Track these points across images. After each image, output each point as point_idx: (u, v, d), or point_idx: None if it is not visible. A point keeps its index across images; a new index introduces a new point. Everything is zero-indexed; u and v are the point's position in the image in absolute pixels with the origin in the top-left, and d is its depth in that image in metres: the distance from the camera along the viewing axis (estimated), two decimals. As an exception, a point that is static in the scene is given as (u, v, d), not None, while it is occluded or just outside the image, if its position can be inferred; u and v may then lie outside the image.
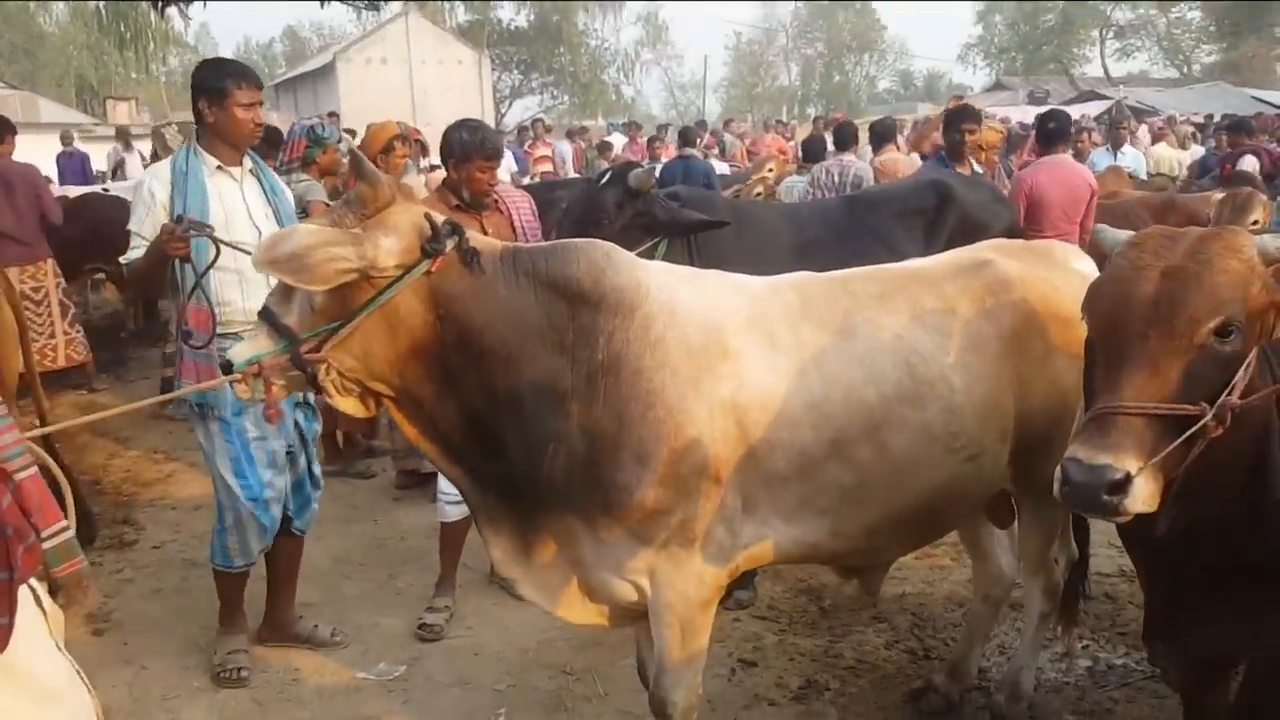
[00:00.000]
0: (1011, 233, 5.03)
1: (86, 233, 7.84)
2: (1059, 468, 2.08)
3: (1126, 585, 4.50)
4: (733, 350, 2.61)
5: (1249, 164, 9.90)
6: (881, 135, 8.33)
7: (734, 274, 2.87)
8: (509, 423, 2.51)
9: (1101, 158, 11.56)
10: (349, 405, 2.50)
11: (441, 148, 4.17)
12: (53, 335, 7.60)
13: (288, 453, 3.78)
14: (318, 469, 4.01)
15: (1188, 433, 1.98)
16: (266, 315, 2.40)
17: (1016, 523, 3.32)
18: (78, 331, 7.77)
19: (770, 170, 9.05)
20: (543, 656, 4.05)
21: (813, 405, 2.64)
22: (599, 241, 2.66)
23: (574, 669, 3.95)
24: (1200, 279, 2.07)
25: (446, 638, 4.21)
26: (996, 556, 3.58)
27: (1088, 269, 3.15)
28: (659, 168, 8.51)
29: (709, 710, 3.65)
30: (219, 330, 3.42)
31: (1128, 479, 1.96)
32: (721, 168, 12.26)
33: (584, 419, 2.51)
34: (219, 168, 3.65)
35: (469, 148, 4.07)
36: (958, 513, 3.02)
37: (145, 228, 3.57)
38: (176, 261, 3.40)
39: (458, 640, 4.21)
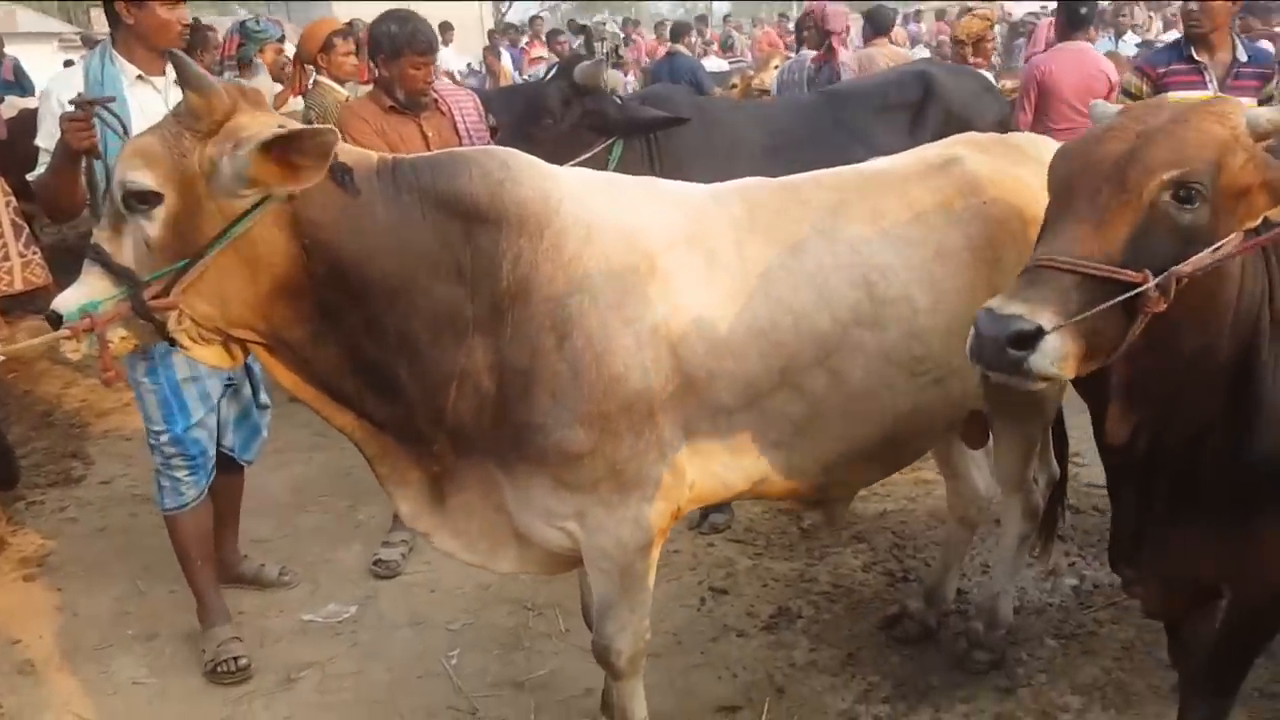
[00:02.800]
0: (1003, 126, 4.66)
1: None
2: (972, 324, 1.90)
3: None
4: (663, 270, 2.31)
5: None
6: (876, 26, 7.76)
7: (668, 182, 2.55)
8: (402, 362, 2.23)
9: (1102, 46, 10.99)
10: (210, 355, 2.21)
11: (369, 44, 3.81)
12: (6, 258, 7.27)
13: (227, 384, 3.49)
14: (264, 396, 3.71)
15: (1120, 296, 1.78)
16: (97, 254, 2.09)
17: (991, 441, 3.08)
18: (34, 253, 7.40)
19: (776, 66, 8.50)
20: (504, 591, 3.87)
21: (759, 332, 2.36)
22: (495, 149, 2.33)
23: (535, 604, 3.77)
24: (1168, 134, 1.87)
25: (403, 574, 4.03)
26: (972, 476, 3.35)
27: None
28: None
29: (675, 643, 3.50)
30: None
31: (1038, 333, 1.77)
32: (720, 64, 11.67)
33: (490, 353, 2.24)
34: (140, 77, 3.29)
35: (398, 41, 3.71)
36: (926, 439, 2.77)
37: (52, 142, 3.17)
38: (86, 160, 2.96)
39: (414, 576, 4.03)
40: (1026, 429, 3.02)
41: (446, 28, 13.70)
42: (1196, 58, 4.33)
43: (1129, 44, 11.02)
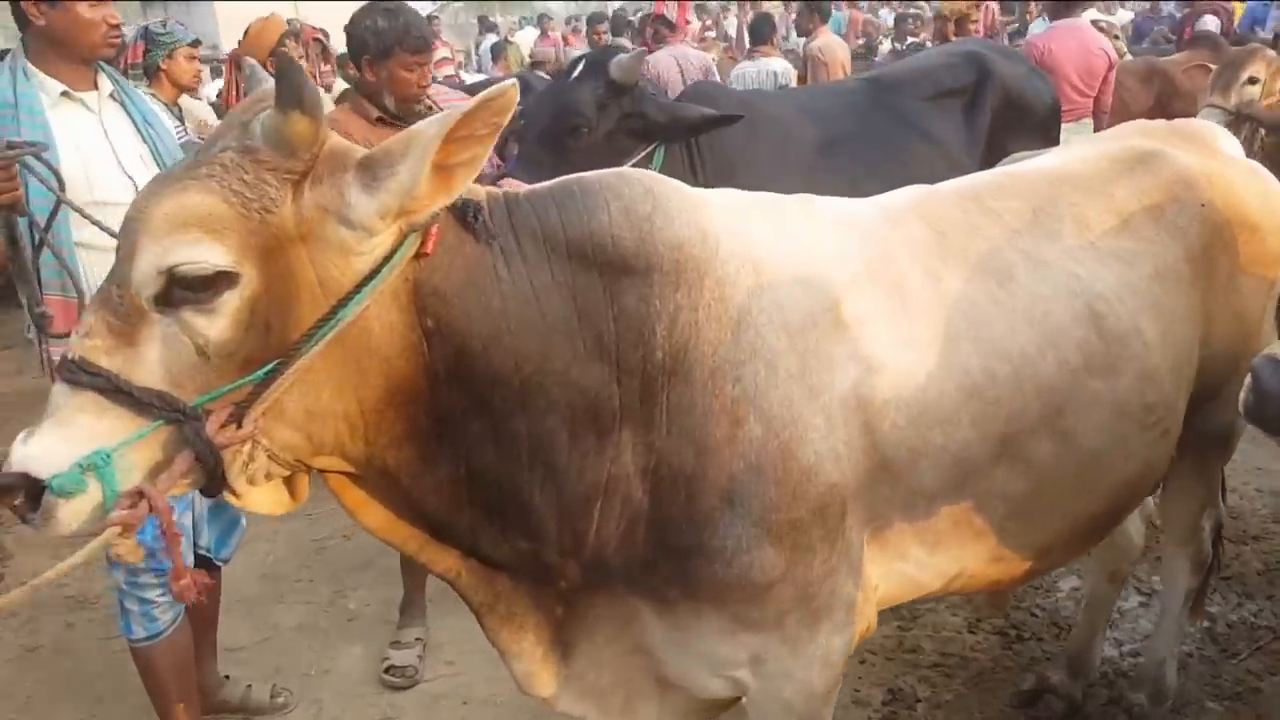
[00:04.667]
0: (1055, 111, 4.21)
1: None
2: (1249, 374, 1.58)
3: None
4: (849, 319, 1.71)
5: (1210, 23, 9.32)
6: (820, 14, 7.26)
7: (823, 199, 1.94)
8: (534, 479, 1.59)
9: (1038, 26, 10.80)
10: (266, 500, 1.52)
11: (350, 44, 3.10)
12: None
13: None
14: None
15: None
16: (88, 377, 1.32)
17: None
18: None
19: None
20: (552, 692, 3.21)
21: (972, 390, 1.78)
22: (632, 172, 1.69)
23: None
24: None
25: (422, 681, 3.32)
26: (1126, 525, 2.83)
27: (1239, 153, 2.38)
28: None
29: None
30: (40, 309, 2.36)
31: None
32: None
33: (641, 453, 1.61)
34: (65, 94, 2.53)
35: (388, 39, 3.01)
36: (1139, 502, 2.22)
37: None
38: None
39: (438, 683, 3.32)
40: (1211, 472, 2.52)
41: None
42: None
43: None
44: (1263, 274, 2.17)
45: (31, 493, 1.30)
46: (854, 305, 1.72)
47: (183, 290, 1.32)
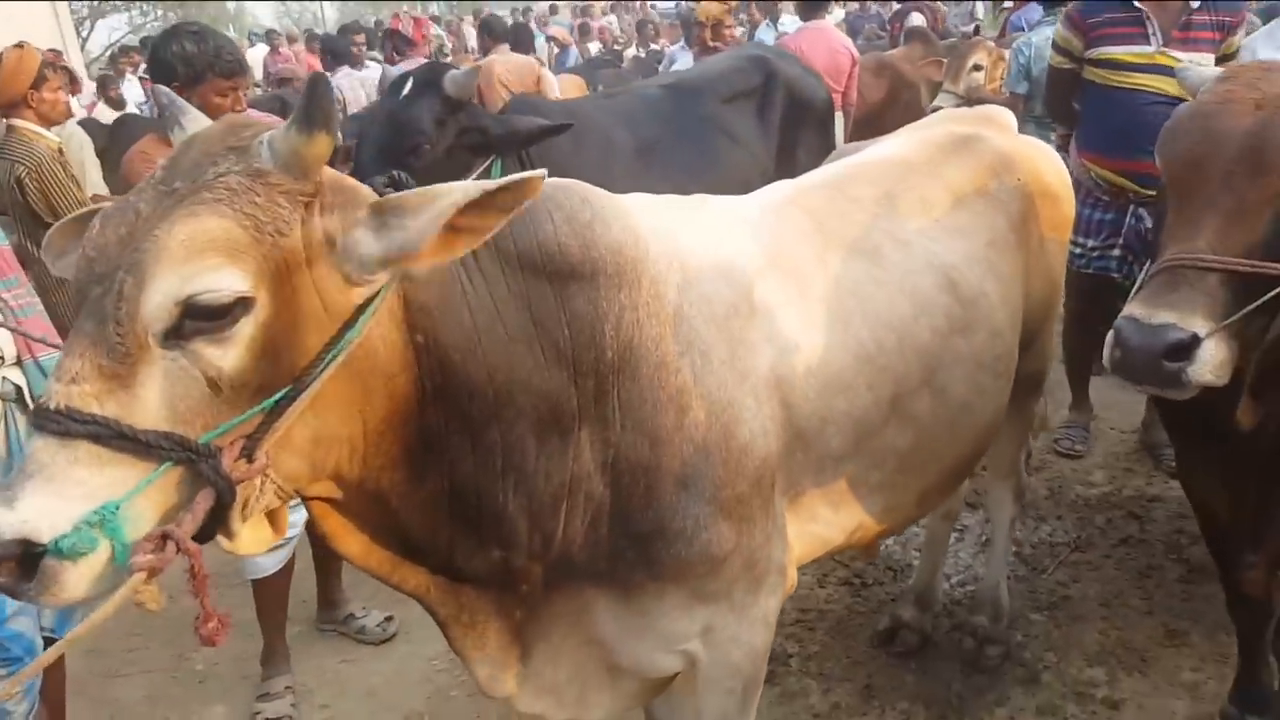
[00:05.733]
0: (830, 105, 4.61)
1: None
2: (1111, 331, 1.77)
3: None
4: (762, 305, 1.87)
5: (917, 19, 10.27)
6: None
7: (715, 197, 2.09)
8: (507, 486, 1.63)
9: (764, 32, 11.53)
10: (254, 538, 1.44)
11: (156, 70, 2.92)
12: None
13: None
14: None
15: (1271, 293, 1.70)
16: (78, 424, 1.20)
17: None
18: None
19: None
20: (440, 717, 3.18)
21: (866, 358, 1.99)
22: (564, 182, 1.73)
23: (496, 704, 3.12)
24: None
25: (303, 728, 3.19)
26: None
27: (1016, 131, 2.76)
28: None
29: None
30: None
31: (1194, 341, 1.67)
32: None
33: (599, 449, 1.68)
34: None
35: (198, 64, 2.88)
36: (992, 441, 2.52)
37: None
38: None
39: (319, 728, 3.21)
40: (1028, 412, 2.90)
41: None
42: (1138, 4, 3.51)
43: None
44: (1061, 237, 2.56)
45: (24, 561, 1.18)
46: (764, 292, 1.88)
47: (195, 320, 1.25)
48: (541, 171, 1.34)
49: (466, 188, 1.34)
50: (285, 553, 3.19)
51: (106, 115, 9.57)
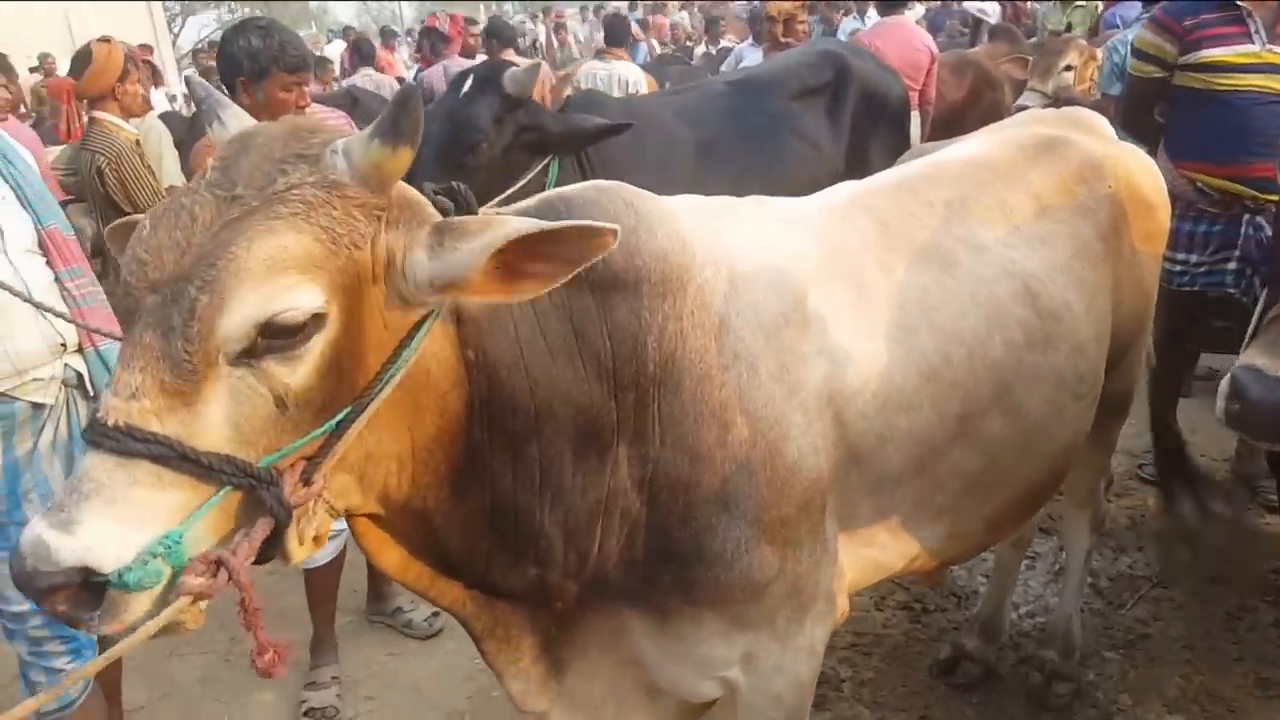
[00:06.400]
0: (905, 103, 4.43)
1: None
2: (1226, 381, 1.67)
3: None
4: (815, 314, 1.75)
5: (992, 10, 9.99)
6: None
7: (772, 199, 1.97)
8: (544, 502, 1.56)
9: (850, 24, 11.29)
10: (306, 552, 1.37)
11: (223, 65, 2.93)
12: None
13: None
14: None
15: None
16: (140, 444, 1.14)
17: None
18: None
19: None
20: (482, 718, 3.12)
21: (930, 374, 1.85)
22: (609, 186, 1.65)
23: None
24: None
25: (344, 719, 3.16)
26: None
27: (1113, 136, 2.57)
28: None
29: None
30: None
31: None
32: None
33: (638, 465, 1.60)
34: None
35: (263, 59, 2.87)
36: (1070, 468, 2.35)
37: None
38: None
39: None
40: (1110, 436, 2.71)
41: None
42: (1240, 1, 3.18)
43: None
44: (1155, 250, 2.37)
45: (83, 588, 1.12)
46: (818, 300, 1.76)
47: (269, 339, 1.19)
48: (613, 227, 1.26)
49: (522, 223, 1.26)
50: (336, 545, 3.17)
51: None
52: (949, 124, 5.85)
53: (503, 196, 3.01)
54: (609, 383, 1.54)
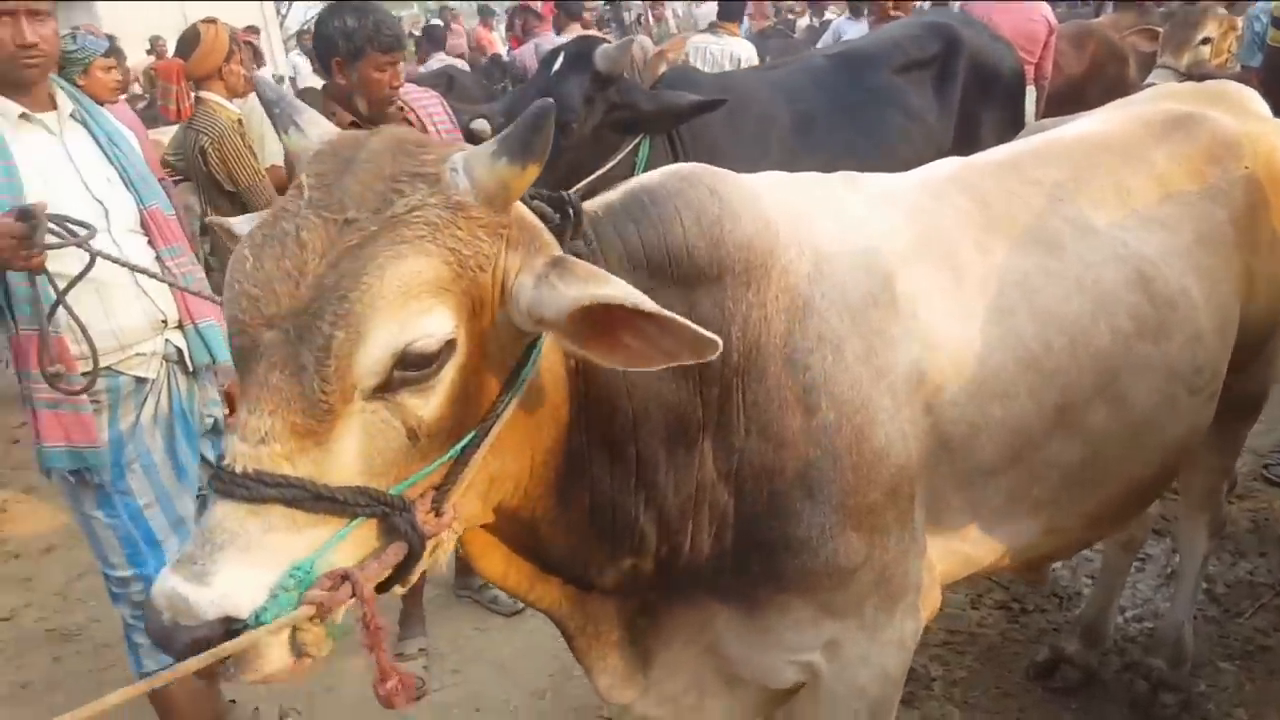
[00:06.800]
0: (1020, 77, 4.22)
1: None
2: None
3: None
4: (905, 296, 1.67)
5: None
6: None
7: (862, 175, 1.89)
8: (639, 500, 1.55)
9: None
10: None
11: (319, 45, 2.98)
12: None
13: (197, 495, 2.60)
14: None
15: None
16: (274, 490, 1.11)
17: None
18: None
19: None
20: (565, 696, 3.13)
21: (1029, 361, 1.75)
22: (692, 171, 1.60)
23: (611, 710, 3.04)
24: None
25: (431, 692, 3.20)
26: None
27: (1267, 112, 2.35)
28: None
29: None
30: (54, 369, 2.23)
31: None
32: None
33: (723, 457, 1.57)
34: (24, 116, 2.32)
35: (358, 39, 2.90)
36: (1182, 466, 2.20)
37: None
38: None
39: (447, 693, 3.21)
40: (1237, 437, 2.53)
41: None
42: None
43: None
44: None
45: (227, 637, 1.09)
46: (908, 281, 1.68)
47: (405, 370, 1.15)
48: (716, 340, 1.20)
49: (624, 292, 1.21)
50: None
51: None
52: (1067, 100, 5.54)
53: (592, 177, 2.98)
54: (694, 379, 1.51)
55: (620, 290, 1.21)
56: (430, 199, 1.18)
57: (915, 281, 1.69)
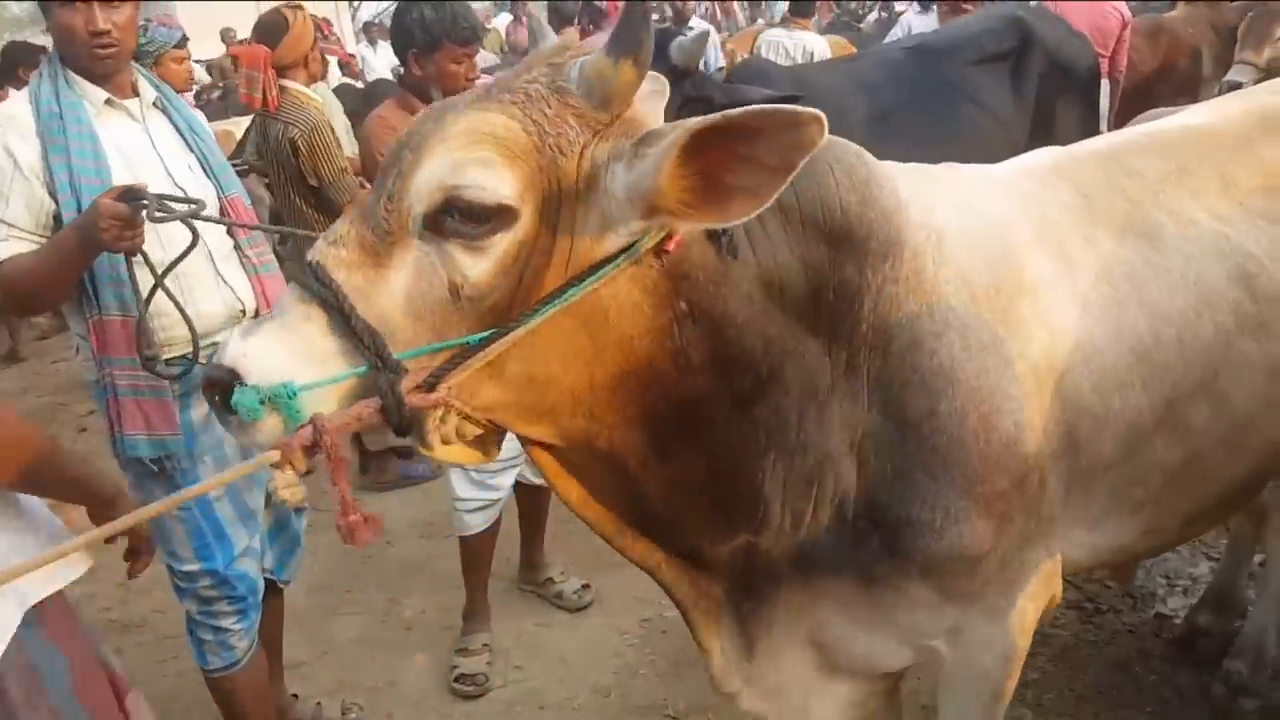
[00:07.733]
0: (1096, 71, 4.14)
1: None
2: None
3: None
4: (1030, 284, 1.65)
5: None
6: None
7: (970, 165, 1.86)
8: (765, 465, 1.53)
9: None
10: (459, 453, 1.40)
11: (396, 37, 2.99)
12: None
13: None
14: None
15: None
16: (323, 288, 1.23)
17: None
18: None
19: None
20: (629, 695, 3.11)
21: (1143, 353, 1.71)
22: (835, 137, 1.55)
23: (676, 709, 3.02)
24: None
25: (493, 688, 3.20)
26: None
27: None
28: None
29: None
30: (151, 352, 2.24)
31: None
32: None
33: (848, 429, 1.56)
34: (108, 102, 2.35)
35: (434, 31, 2.92)
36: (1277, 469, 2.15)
37: (12, 209, 2.20)
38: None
39: (510, 689, 3.21)
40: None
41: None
42: None
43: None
44: None
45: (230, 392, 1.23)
46: (1032, 269, 1.66)
47: (456, 221, 1.24)
48: (817, 113, 1.14)
49: (716, 116, 1.19)
50: (492, 513, 3.21)
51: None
52: (1139, 95, 5.45)
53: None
54: (827, 340, 1.50)
55: (715, 116, 1.20)
56: (541, 78, 1.28)
57: (1038, 270, 1.66)
